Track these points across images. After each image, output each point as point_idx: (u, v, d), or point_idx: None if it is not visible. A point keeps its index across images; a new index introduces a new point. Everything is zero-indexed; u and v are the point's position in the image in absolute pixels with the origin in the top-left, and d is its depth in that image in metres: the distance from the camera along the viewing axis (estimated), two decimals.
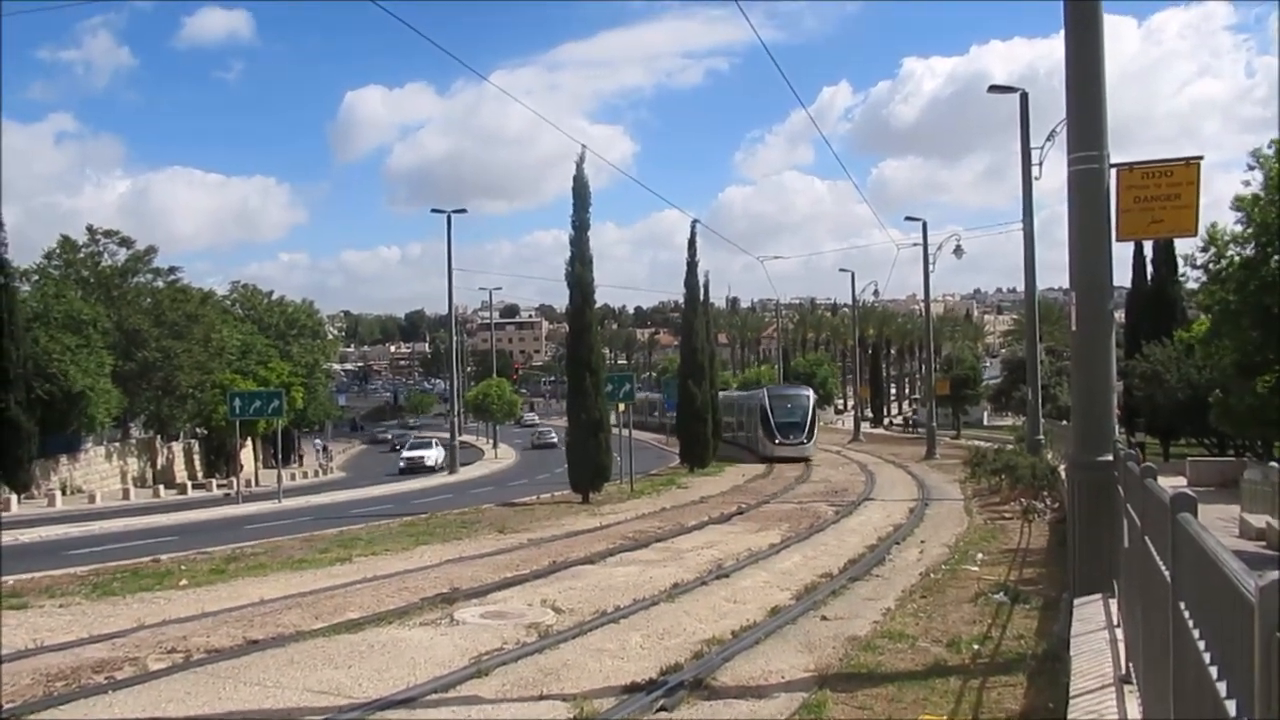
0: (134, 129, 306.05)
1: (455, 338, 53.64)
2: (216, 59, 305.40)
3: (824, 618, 10.31)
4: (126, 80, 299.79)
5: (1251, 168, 20.90)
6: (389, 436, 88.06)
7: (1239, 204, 20.86)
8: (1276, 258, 19.88)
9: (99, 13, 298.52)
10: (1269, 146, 20.39)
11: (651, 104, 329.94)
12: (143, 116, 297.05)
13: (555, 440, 78.32)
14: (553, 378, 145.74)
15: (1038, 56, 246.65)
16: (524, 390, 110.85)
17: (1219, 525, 15.35)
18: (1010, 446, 31.27)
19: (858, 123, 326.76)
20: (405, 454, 53.40)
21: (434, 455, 50.56)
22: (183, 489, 43.61)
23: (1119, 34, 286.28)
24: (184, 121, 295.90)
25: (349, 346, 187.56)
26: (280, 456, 40.61)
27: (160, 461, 51.24)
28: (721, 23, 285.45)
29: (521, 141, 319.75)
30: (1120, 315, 40.68)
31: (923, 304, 55.00)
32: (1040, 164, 24.47)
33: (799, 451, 42.08)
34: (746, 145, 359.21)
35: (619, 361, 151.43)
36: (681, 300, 42.28)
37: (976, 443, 43.38)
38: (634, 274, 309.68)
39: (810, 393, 47.26)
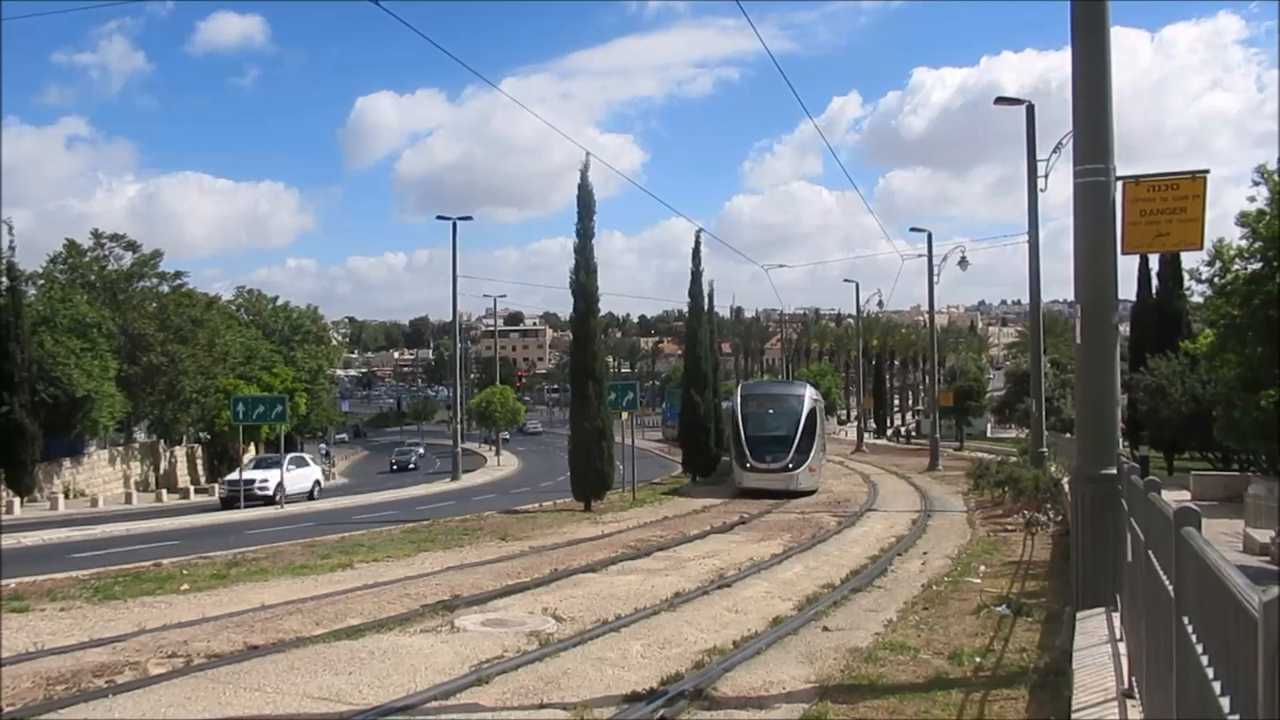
0: (146, 134, 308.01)
1: (459, 345, 53.76)
2: (231, 64, 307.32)
3: (825, 628, 10.29)
4: (141, 85, 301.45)
5: (1257, 183, 20.92)
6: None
7: (1244, 219, 20.87)
8: None
9: (114, 17, 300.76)
10: (1274, 163, 20.40)
11: (662, 113, 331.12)
12: (156, 121, 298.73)
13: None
14: (556, 385, 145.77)
15: (1049, 68, 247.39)
16: (527, 398, 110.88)
17: (1223, 540, 15.30)
18: (1014, 459, 31.19)
19: (866, 133, 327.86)
20: (232, 475, 35.51)
21: (277, 479, 33.59)
22: (185, 493, 43.67)
23: (1131, 48, 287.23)
24: (196, 127, 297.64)
25: (353, 353, 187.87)
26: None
27: (163, 466, 51.35)
28: (734, 32, 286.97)
29: (532, 149, 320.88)
30: (1125, 328, 40.65)
31: (927, 315, 54.97)
32: (1046, 176, 24.48)
33: (783, 481, 29.06)
34: (755, 155, 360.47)
35: (622, 370, 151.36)
36: (686, 309, 42.07)
37: (980, 454, 43.37)
38: (640, 283, 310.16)
39: (805, 391, 32.68)
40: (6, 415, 34.62)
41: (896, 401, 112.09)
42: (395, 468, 62.57)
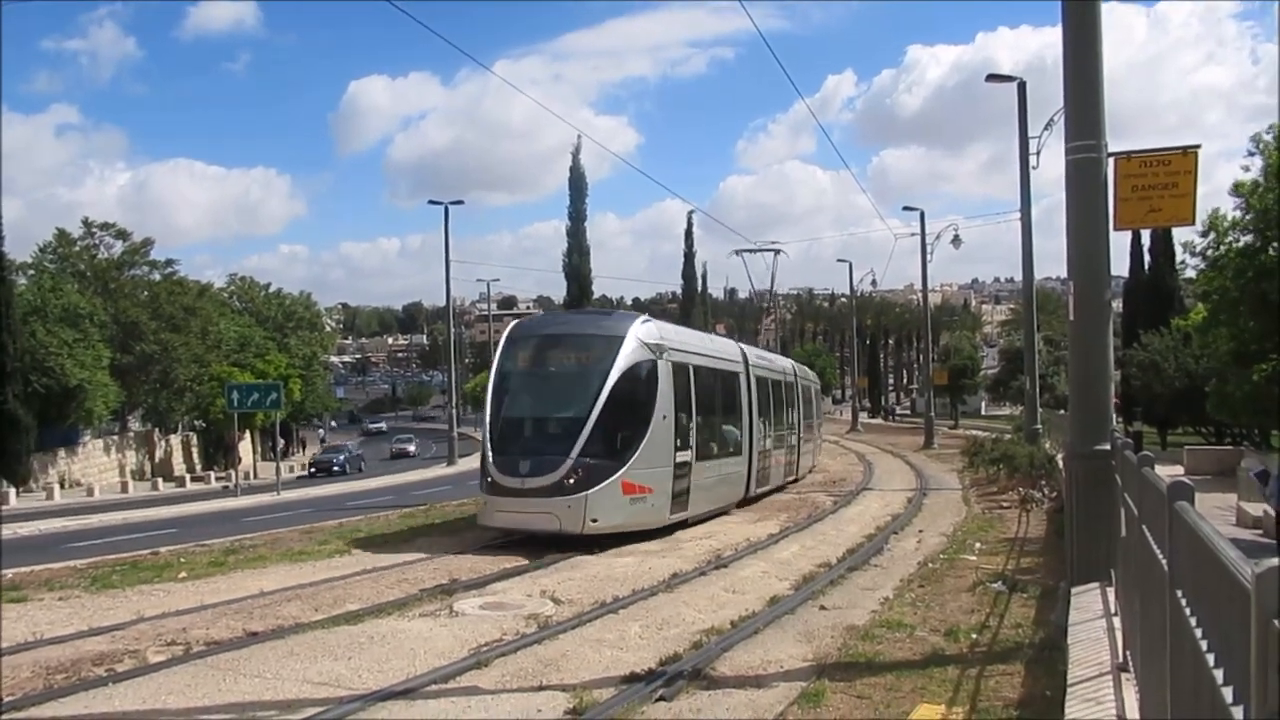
0: (137, 121, 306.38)
1: (453, 329, 53.61)
2: (222, 50, 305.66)
3: (822, 607, 10.34)
4: (131, 72, 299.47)
5: (1252, 153, 20.92)
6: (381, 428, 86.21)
7: (1238, 190, 20.88)
8: (1275, 245, 19.90)
9: (105, 3, 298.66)
10: (1268, 132, 20.38)
11: (655, 94, 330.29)
12: (146, 108, 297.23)
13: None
14: None
15: (1045, 45, 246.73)
16: None
17: (1216, 514, 15.38)
18: (1008, 436, 31.28)
19: (861, 112, 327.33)
20: None
21: None
22: (181, 482, 43.70)
23: (1127, 24, 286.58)
24: (187, 113, 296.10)
25: (347, 339, 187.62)
26: (278, 449, 40.55)
27: (158, 454, 51.32)
28: (728, 11, 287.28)
29: (524, 133, 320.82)
30: (1118, 304, 40.70)
31: (920, 294, 54.98)
32: (1038, 153, 24.42)
33: (551, 514, 14.69)
34: (749, 134, 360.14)
35: None
36: (679, 290, 42.04)
37: (974, 432, 43.47)
38: (634, 265, 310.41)
39: (629, 329, 15.98)
40: (0, 406, 34.53)
41: (891, 380, 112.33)
42: (314, 470, 45.88)
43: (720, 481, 18.81)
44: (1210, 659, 2.59)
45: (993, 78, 27.47)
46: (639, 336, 15.81)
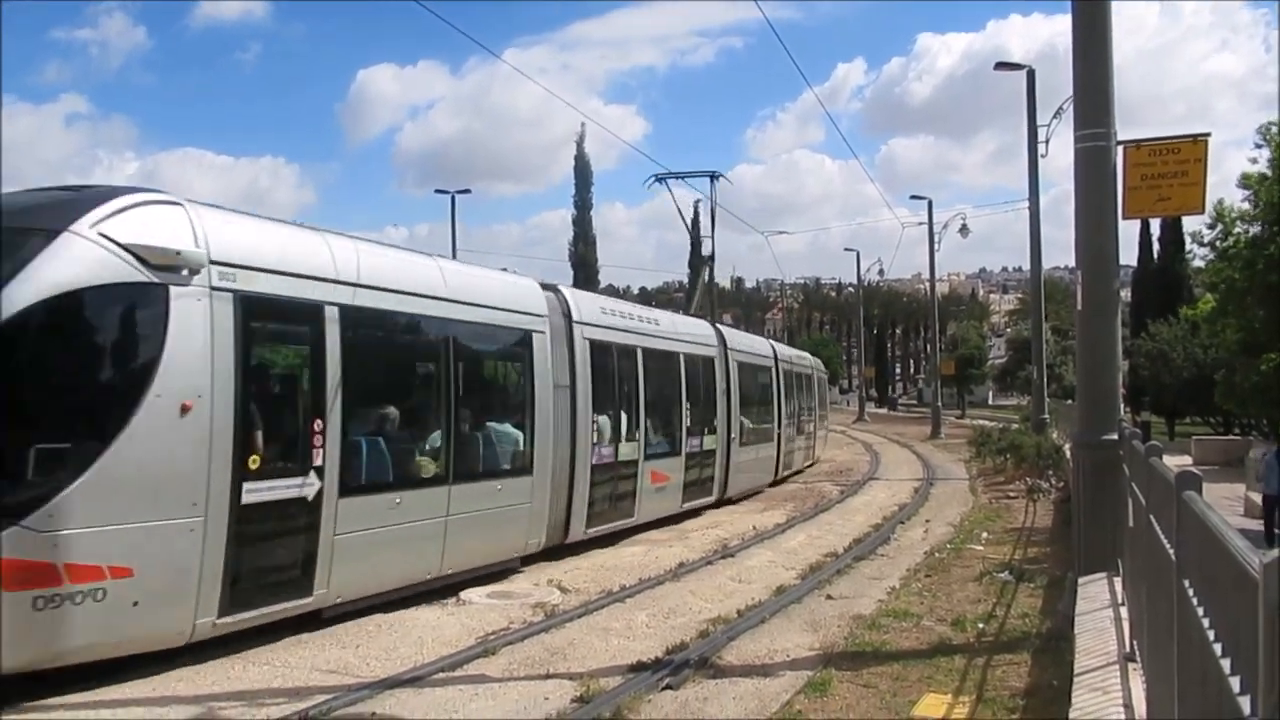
0: (146, 110, 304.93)
1: None
2: (232, 40, 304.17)
3: (829, 597, 10.35)
4: (141, 61, 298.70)
5: (1259, 145, 20.80)
6: None
7: (1246, 181, 20.78)
8: None
9: None
10: (1274, 125, 20.25)
11: (664, 84, 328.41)
12: (155, 98, 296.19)
13: None
14: None
15: (1057, 32, 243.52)
16: None
17: (1224, 504, 15.37)
18: (1015, 426, 31.26)
19: (869, 101, 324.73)
20: None
21: None
22: None
23: (1139, 14, 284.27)
24: (196, 102, 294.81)
25: None
26: None
27: None
28: (736, 1, 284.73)
29: (532, 122, 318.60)
30: (1126, 293, 40.61)
31: (928, 283, 54.82)
32: (1047, 142, 24.32)
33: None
34: (757, 124, 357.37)
35: None
36: (686, 280, 41.98)
37: (981, 422, 43.42)
38: (641, 254, 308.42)
39: (84, 219, 6.87)
40: None
41: (898, 370, 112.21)
42: None
43: (438, 533, 10.12)
44: (1217, 648, 2.59)
45: (1001, 66, 27.33)
46: (103, 233, 7.05)
